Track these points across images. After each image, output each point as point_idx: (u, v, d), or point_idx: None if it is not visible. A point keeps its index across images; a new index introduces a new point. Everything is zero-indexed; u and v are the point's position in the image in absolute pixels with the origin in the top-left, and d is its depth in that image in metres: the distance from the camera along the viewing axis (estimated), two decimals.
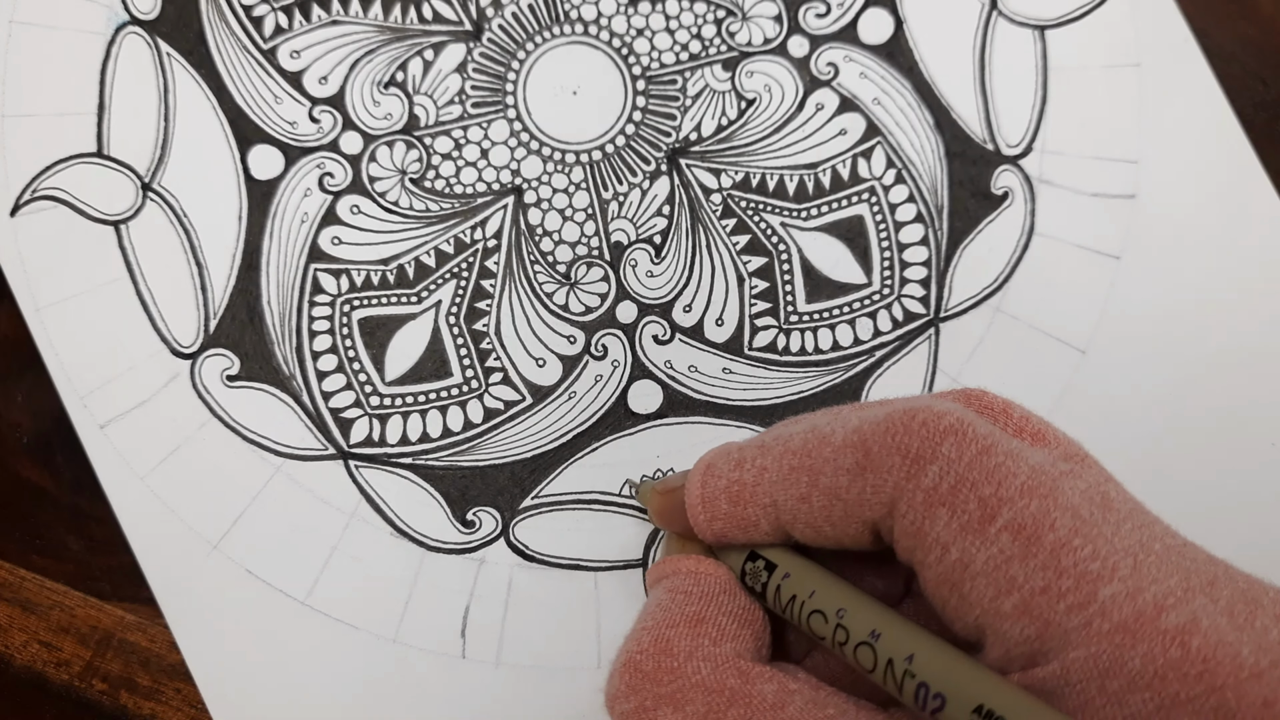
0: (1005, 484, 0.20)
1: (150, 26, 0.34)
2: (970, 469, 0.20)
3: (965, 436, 0.20)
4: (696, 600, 0.24)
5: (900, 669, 0.20)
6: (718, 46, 0.35)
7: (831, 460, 0.22)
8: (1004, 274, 0.35)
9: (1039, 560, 0.19)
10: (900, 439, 0.21)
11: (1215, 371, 0.34)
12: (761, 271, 0.34)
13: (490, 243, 0.34)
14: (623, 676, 0.23)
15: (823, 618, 0.22)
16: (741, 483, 0.24)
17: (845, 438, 0.22)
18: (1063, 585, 0.18)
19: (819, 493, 0.22)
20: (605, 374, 0.34)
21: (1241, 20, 0.36)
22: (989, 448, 0.20)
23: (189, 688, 0.32)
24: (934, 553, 0.20)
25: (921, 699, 0.19)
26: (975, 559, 0.19)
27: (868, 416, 0.22)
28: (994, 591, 0.19)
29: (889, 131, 0.35)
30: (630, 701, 0.22)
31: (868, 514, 0.21)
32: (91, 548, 0.33)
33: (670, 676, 0.22)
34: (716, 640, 0.23)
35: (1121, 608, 0.18)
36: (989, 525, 0.19)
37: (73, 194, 0.33)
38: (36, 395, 0.33)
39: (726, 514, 0.24)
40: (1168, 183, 0.35)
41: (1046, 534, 0.19)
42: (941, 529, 0.20)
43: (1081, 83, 0.36)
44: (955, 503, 0.20)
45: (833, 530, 0.22)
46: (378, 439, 0.33)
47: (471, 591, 0.32)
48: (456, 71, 0.35)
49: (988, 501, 0.20)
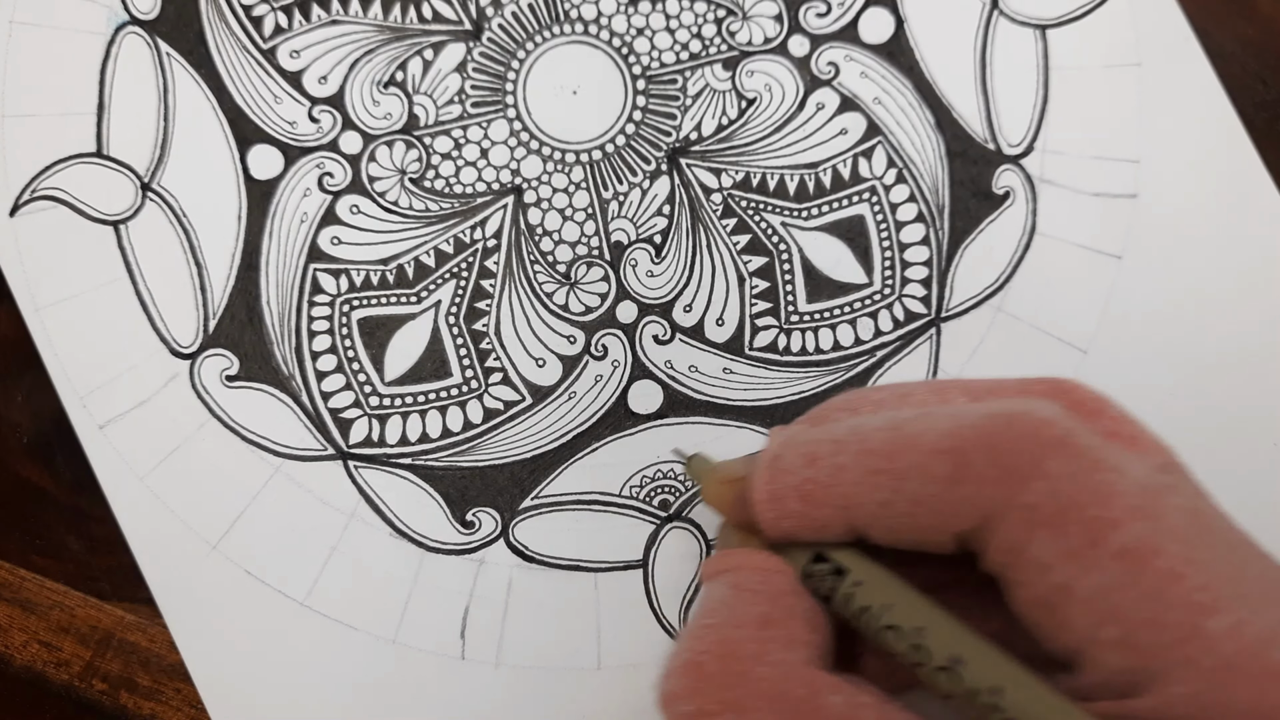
0: (1112, 504, 0.19)
1: (150, 26, 0.34)
2: (1078, 489, 0.19)
3: (1071, 451, 0.19)
4: (764, 600, 0.22)
5: (984, 700, 0.19)
6: (718, 46, 0.35)
7: (920, 466, 0.21)
8: (1005, 274, 0.35)
9: (1145, 589, 0.18)
10: (1000, 450, 0.20)
11: (1216, 371, 0.34)
12: (762, 271, 0.34)
13: (490, 242, 0.34)
14: (683, 677, 0.21)
15: (898, 634, 0.21)
16: (815, 481, 0.22)
17: (935, 442, 0.21)
18: (1169, 618, 0.18)
19: (904, 499, 0.21)
20: (605, 374, 0.34)
21: (1241, 20, 0.36)
22: (1096, 464, 0.19)
23: (189, 688, 0.32)
24: (1032, 574, 0.19)
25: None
26: (1078, 585, 0.18)
27: (962, 419, 0.21)
28: (1096, 619, 0.18)
29: (890, 131, 0.35)
30: (691, 704, 0.21)
31: (958, 526, 0.20)
32: (91, 548, 0.33)
33: (735, 681, 0.20)
34: (785, 645, 0.21)
35: (1226, 643, 0.17)
36: (1094, 549, 0.18)
37: (72, 194, 0.33)
38: (36, 395, 0.33)
39: (797, 514, 0.23)
40: (1169, 183, 0.35)
41: (1154, 560, 0.18)
42: (1043, 550, 0.19)
43: (1082, 82, 0.35)
44: (1061, 525, 0.19)
45: (914, 537, 0.21)
46: (377, 439, 0.33)
47: (471, 592, 0.32)
48: (456, 71, 0.35)
49: (1094, 524, 0.18)
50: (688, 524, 0.33)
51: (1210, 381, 0.34)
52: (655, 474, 0.33)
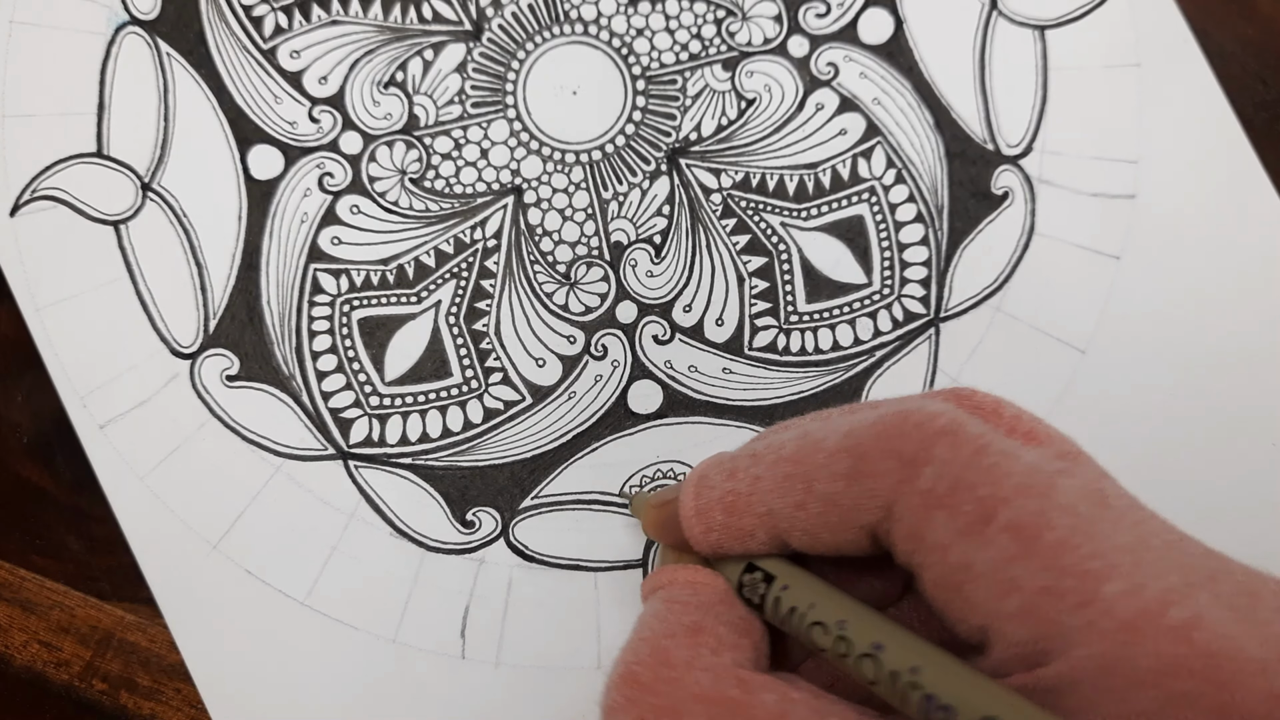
0: (1002, 484, 0.19)
1: (150, 26, 0.34)
2: (966, 470, 0.20)
3: (959, 437, 0.20)
4: (694, 610, 0.23)
5: (905, 680, 0.20)
6: (718, 46, 0.35)
7: (825, 466, 0.22)
8: (1004, 274, 0.35)
9: (1040, 560, 0.19)
10: (893, 442, 0.21)
11: (1215, 371, 0.34)
12: (761, 271, 0.34)
13: (490, 243, 0.34)
14: (620, 689, 0.22)
15: (823, 629, 0.22)
16: (736, 492, 0.24)
17: (838, 443, 0.22)
18: (1064, 585, 0.18)
19: (814, 499, 0.22)
20: (605, 374, 0.34)
21: (1241, 20, 0.36)
22: (983, 448, 0.20)
23: (189, 688, 0.32)
24: (933, 555, 0.20)
25: (927, 711, 0.19)
26: (975, 560, 0.19)
27: (859, 420, 0.22)
28: (996, 593, 0.19)
29: (889, 131, 0.35)
30: (629, 714, 0.21)
31: (864, 519, 0.21)
32: (91, 548, 0.33)
33: (669, 688, 0.21)
34: (715, 650, 0.22)
35: (1124, 605, 0.18)
36: (987, 526, 0.19)
37: (73, 194, 0.33)
38: (36, 395, 0.33)
39: (722, 525, 0.24)
40: (1168, 183, 0.35)
41: (1046, 533, 0.19)
42: (940, 531, 0.20)
43: (1081, 83, 0.35)
44: (953, 505, 0.20)
45: (830, 537, 0.22)
46: (377, 439, 0.33)
47: (471, 592, 0.32)
48: (456, 71, 0.35)
49: (985, 502, 0.19)
50: None
51: (1209, 381, 0.34)
52: (655, 474, 0.33)
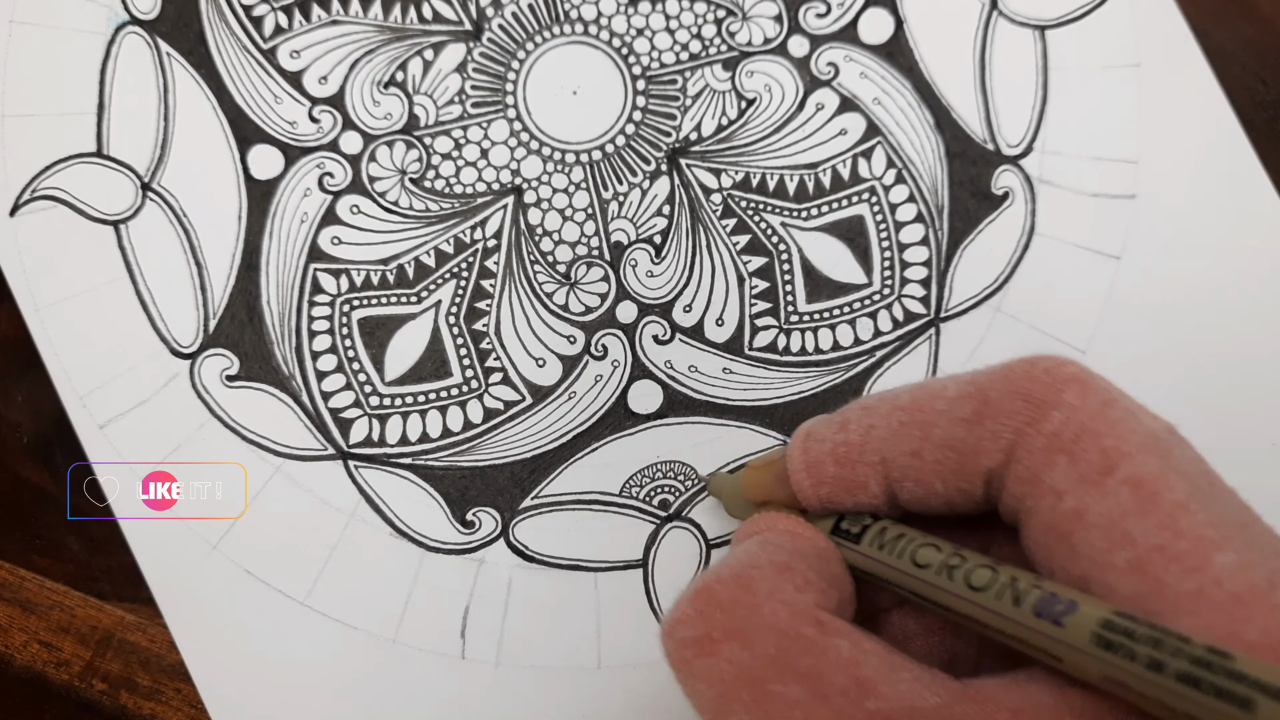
0: (1126, 439, 0.19)
1: (150, 26, 0.34)
2: (1093, 419, 0.20)
3: (1088, 387, 0.20)
4: (788, 553, 0.23)
5: (1025, 584, 0.20)
6: (718, 46, 0.35)
7: (946, 412, 0.22)
8: (1004, 274, 0.35)
9: (1156, 519, 0.18)
10: (1022, 384, 0.21)
11: (1215, 371, 0.34)
12: (762, 271, 0.34)
13: (490, 243, 0.34)
14: (693, 602, 0.21)
15: (936, 549, 0.22)
16: (848, 443, 0.23)
17: (960, 389, 0.22)
18: (1179, 546, 0.18)
19: (932, 446, 0.22)
20: (605, 374, 0.34)
21: (1241, 20, 0.36)
22: (1112, 400, 0.20)
23: (189, 688, 0.32)
24: (1048, 499, 0.20)
25: (1046, 606, 0.19)
26: (1091, 509, 0.19)
27: (982, 370, 0.22)
28: (1107, 544, 0.19)
29: (889, 131, 0.35)
30: (695, 628, 0.21)
31: (984, 463, 0.21)
32: (91, 548, 0.33)
33: (745, 611, 0.21)
34: (800, 589, 0.21)
35: (1235, 578, 0.17)
36: (1109, 477, 0.19)
37: (72, 194, 0.33)
38: (36, 395, 0.33)
39: (834, 476, 0.23)
40: (1168, 183, 0.35)
41: (1165, 493, 0.19)
42: (1059, 476, 0.20)
43: (1081, 83, 0.35)
44: (1076, 451, 0.19)
45: (944, 486, 0.22)
46: (377, 439, 0.33)
47: (471, 592, 0.32)
48: (456, 71, 0.35)
49: (1109, 453, 0.19)
50: (688, 524, 0.33)
51: (1209, 381, 0.34)
52: (655, 474, 0.33)
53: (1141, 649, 0.17)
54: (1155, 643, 0.17)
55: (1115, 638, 0.17)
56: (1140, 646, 0.17)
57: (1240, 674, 0.16)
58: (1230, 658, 0.16)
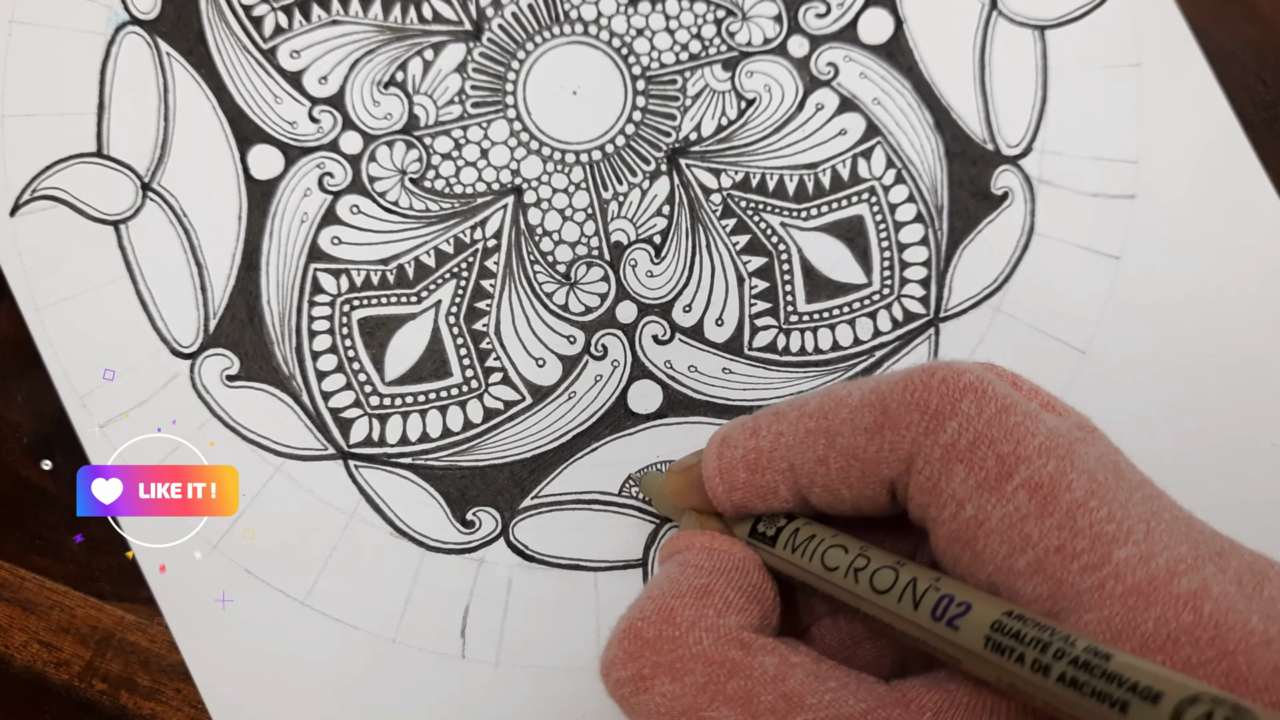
0: (1024, 443, 0.20)
1: (150, 26, 0.34)
2: (989, 426, 0.20)
3: (985, 394, 0.21)
4: (706, 574, 0.23)
5: (924, 585, 0.20)
6: (718, 46, 0.35)
7: (849, 420, 0.22)
8: (1004, 274, 0.35)
9: (1055, 519, 0.19)
10: (919, 395, 0.21)
11: (1215, 371, 0.34)
12: (761, 271, 0.34)
13: (490, 242, 0.34)
14: (621, 644, 0.22)
15: (843, 550, 0.22)
16: (759, 449, 0.24)
17: (863, 398, 0.22)
18: (1077, 545, 0.18)
19: (836, 453, 0.22)
20: (605, 374, 0.34)
21: (1241, 20, 0.36)
22: (1008, 406, 0.20)
23: (189, 688, 0.32)
24: (949, 509, 0.20)
25: (943, 608, 0.19)
26: (990, 515, 0.19)
27: (884, 377, 0.22)
28: (1008, 549, 0.19)
29: (889, 131, 0.35)
30: (627, 669, 0.22)
31: (885, 472, 0.21)
32: (91, 548, 0.33)
33: (671, 645, 0.21)
34: (722, 612, 0.22)
35: (1135, 571, 0.18)
36: (1006, 482, 0.19)
37: (72, 194, 0.33)
38: (36, 395, 0.33)
39: (745, 482, 0.24)
40: (1168, 183, 0.35)
41: (1063, 494, 0.19)
42: (958, 485, 0.20)
43: (1081, 83, 0.35)
44: (973, 459, 0.20)
45: (849, 492, 0.22)
46: (377, 439, 0.33)
47: (471, 591, 0.32)
48: (456, 71, 0.35)
49: (1005, 459, 0.20)
50: None
51: (1209, 381, 0.34)
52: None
53: (1029, 652, 0.17)
54: (1041, 645, 0.17)
55: (1004, 640, 0.18)
56: (1028, 649, 0.17)
57: (1115, 675, 0.16)
58: (1108, 658, 0.16)
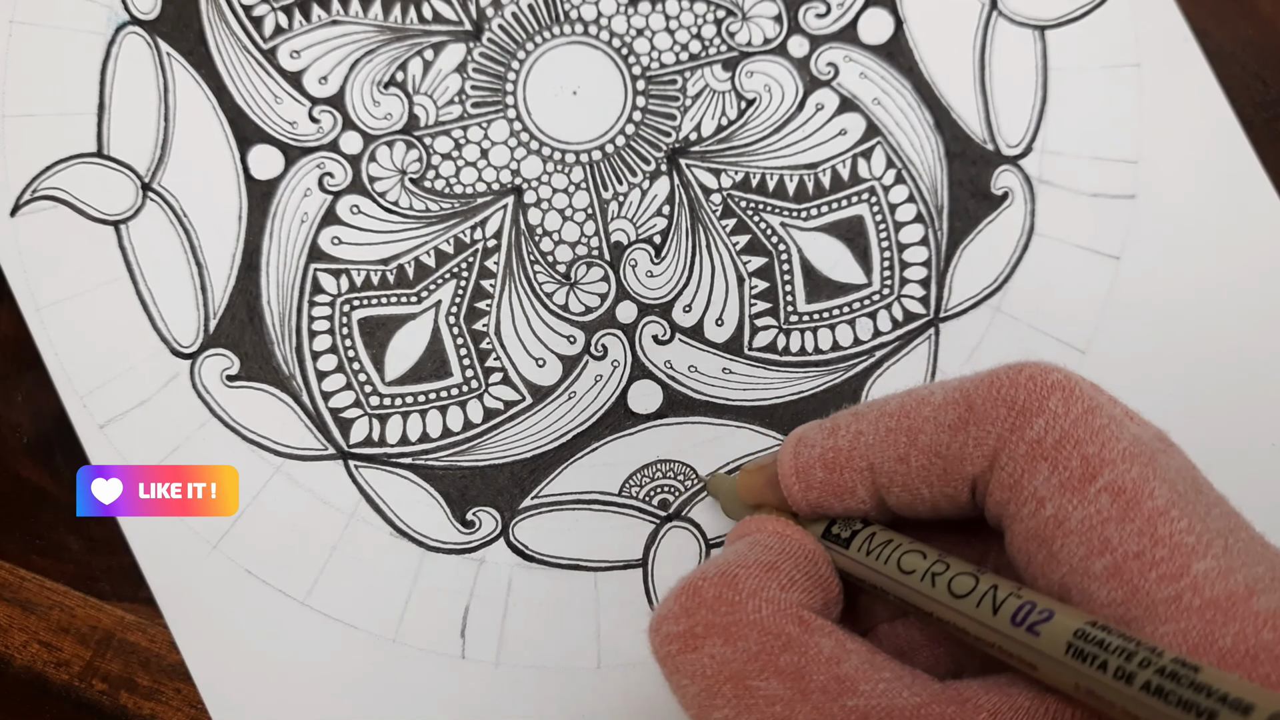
0: (1109, 446, 0.20)
1: (150, 26, 0.34)
2: (1076, 426, 0.20)
3: (1072, 394, 0.20)
4: (775, 553, 0.23)
5: (1005, 592, 0.20)
6: (718, 46, 0.35)
7: (932, 419, 0.22)
8: (1004, 274, 0.35)
9: (1136, 525, 0.19)
10: (1007, 391, 0.21)
11: (1215, 371, 0.34)
12: (761, 271, 0.34)
13: (490, 243, 0.34)
14: (679, 598, 0.22)
15: (921, 556, 0.22)
16: (837, 449, 0.24)
17: (946, 395, 0.22)
18: (1157, 554, 0.18)
19: (918, 451, 0.22)
20: (605, 374, 0.34)
21: (1241, 20, 0.36)
22: (1094, 408, 0.20)
23: (189, 688, 0.32)
24: (1029, 506, 0.20)
25: (1024, 614, 0.19)
26: (1071, 516, 0.19)
27: (969, 376, 0.22)
28: (1086, 550, 0.19)
29: (889, 131, 0.35)
30: (680, 624, 0.21)
31: (969, 468, 0.21)
32: (91, 548, 0.33)
33: (729, 608, 0.21)
34: (785, 587, 0.22)
35: (1214, 584, 0.18)
36: (1089, 484, 0.19)
37: (73, 194, 0.33)
38: (36, 395, 0.33)
39: (822, 482, 0.24)
40: (1168, 183, 0.35)
41: (1145, 501, 0.19)
42: (1040, 483, 0.20)
43: (1081, 83, 0.35)
44: (1058, 458, 0.20)
45: (930, 491, 0.22)
46: (377, 439, 0.33)
47: (471, 591, 0.32)
48: (456, 71, 0.35)
49: (1090, 460, 0.19)
50: (687, 523, 0.33)
51: (1209, 381, 0.34)
52: (655, 473, 0.33)
53: (1113, 659, 0.17)
54: (1126, 654, 0.17)
55: (1088, 647, 0.18)
56: (1111, 657, 0.17)
57: (1205, 686, 0.16)
58: (1197, 670, 0.16)
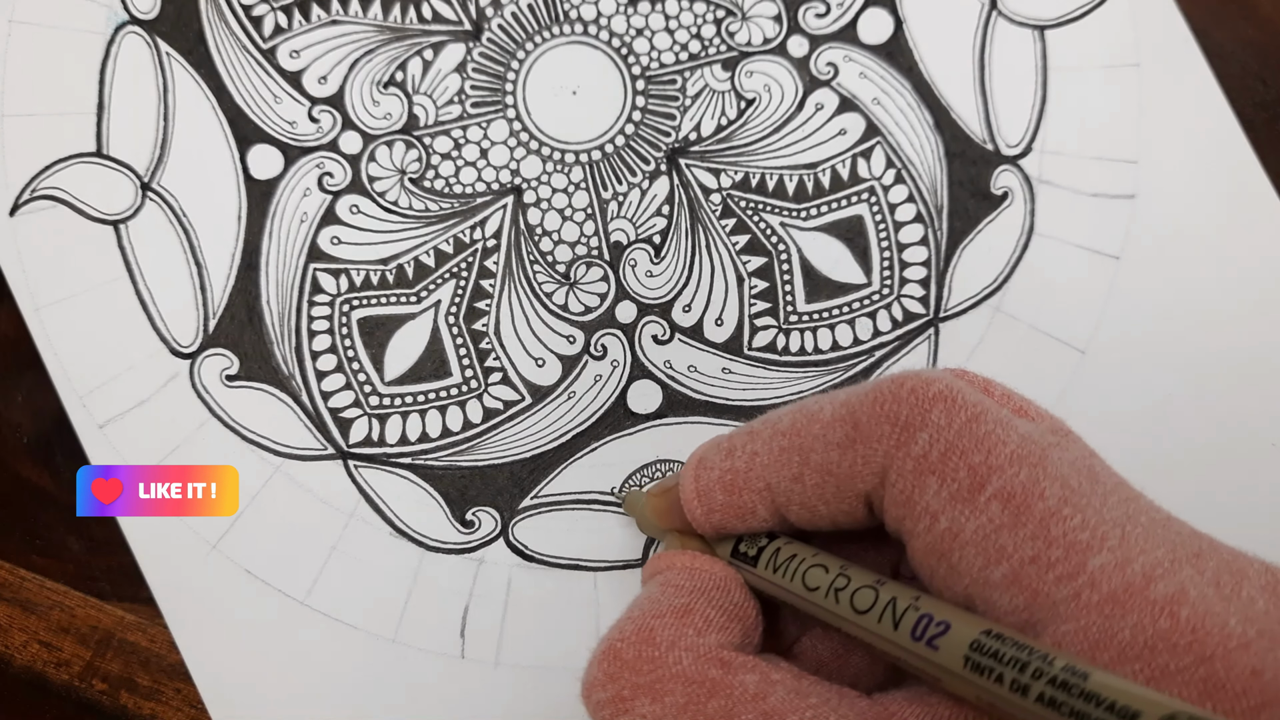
0: (995, 452, 0.19)
1: (150, 26, 0.34)
2: (960, 436, 0.20)
3: (954, 403, 0.20)
4: (687, 593, 0.23)
5: (903, 605, 0.20)
6: (717, 46, 0.35)
7: (821, 436, 0.22)
8: (1004, 274, 0.35)
9: (1028, 529, 0.18)
10: (889, 407, 0.21)
11: (1215, 371, 0.34)
12: (761, 271, 0.34)
13: (490, 242, 0.34)
14: (601, 665, 0.22)
15: (824, 570, 0.22)
16: (734, 470, 0.24)
17: (834, 412, 0.22)
18: (1052, 555, 0.18)
19: (811, 470, 0.22)
20: (605, 374, 0.34)
21: (1241, 20, 0.36)
22: (978, 415, 0.20)
23: (189, 688, 0.32)
24: (923, 521, 0.20)
25: (922, 628, 0.19)
26: (965, 528, 0.19)
27: (855, 390, 0.22)
28: (983, 561, 0.19)
29: (888, 131, 0.35)
30: (607, 690, 0.21)
31: (860, 486, 0.21)
32: (91, 548, 0.33)
33: (650, 666, 0.21)
34: (702, 631, 0.22)
35: (1110, 578, 0.18)
36: (979, 493, 0.19)
37: (72, 194, 0.33)
38: (36, 395, 0.33)
39: (723, 504, 0.24)
40: (1168, 183, 0.35)
41: (1036, 503, 0.19)
42: (931, 497, 0.20)
43: (1081, 83, 0.35)
44: (945, 470, 0.20)
45: (826, 509, 0.22)
46: (377, 439, 0.33)
47: (471, 591, 0.32)
48: (456, 71, 0.35)
49: (977, 469, 0.19)
50: None
51: (1209, 381, 0.34)
52: (654, 473, 0.33)
53: (1008, 671, 0.17)
54: (1020, 665, 0.17)
55: (984, 660, 0.18)
56: (1006, 669, 0.17)
57: (1093, 695, 0.16)
58: (1085, 677, 0.16)
